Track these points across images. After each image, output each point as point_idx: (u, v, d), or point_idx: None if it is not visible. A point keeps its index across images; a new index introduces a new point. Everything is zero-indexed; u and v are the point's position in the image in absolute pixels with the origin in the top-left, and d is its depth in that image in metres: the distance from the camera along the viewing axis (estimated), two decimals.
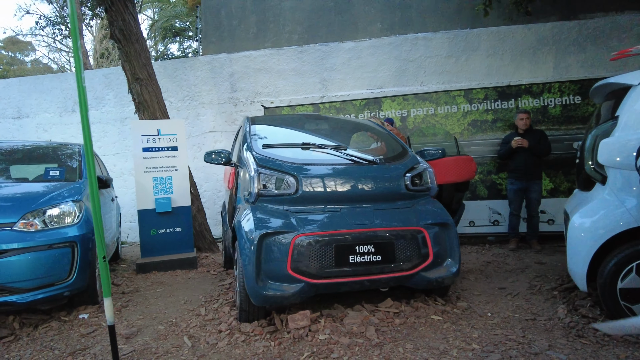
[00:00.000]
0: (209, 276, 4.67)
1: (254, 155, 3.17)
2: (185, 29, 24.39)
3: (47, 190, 3.39)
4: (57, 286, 3.04)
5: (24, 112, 8.99)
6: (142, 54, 5.91)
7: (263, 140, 3.48)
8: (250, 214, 2.89)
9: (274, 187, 2.96)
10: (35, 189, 3.43)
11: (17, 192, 3.36)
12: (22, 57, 40.16)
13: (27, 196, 3.26)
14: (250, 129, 3.65)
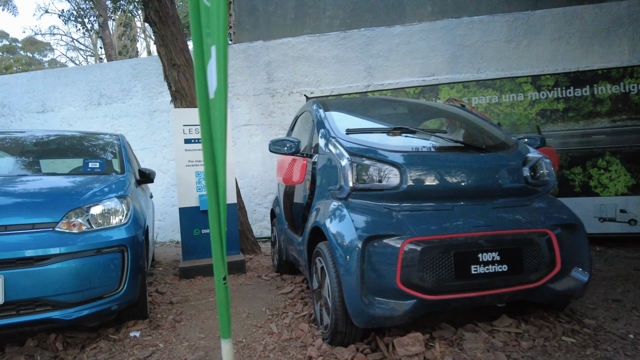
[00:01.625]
0: (262, 283, 4.14)
1: (342, 142, 2.61)
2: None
3: (89, 185, 2.88)
4: (105, 299, 2.53)
5: (48, 106, 8.58)
6: (178, 38, 5.41)
7: (341, 125, 2.93)
8: (346, 212, 2.34)
9: (373, 179, 2.40)
10: (74, 184, 2.92)
11: (55, 186, 2.85)
12: (40, 57, 40.32)
13: (68, 191, 2.75)
14: (325, 113, 3.09)
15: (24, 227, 2.37)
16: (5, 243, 2.27)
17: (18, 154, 3.48)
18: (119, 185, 3.00)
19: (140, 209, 3.08)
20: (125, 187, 3.02)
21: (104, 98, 8.20)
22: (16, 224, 2.35)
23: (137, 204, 3.08)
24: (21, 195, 2.62)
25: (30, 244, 2.31)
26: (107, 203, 2.71)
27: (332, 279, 2.32)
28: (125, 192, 2.93)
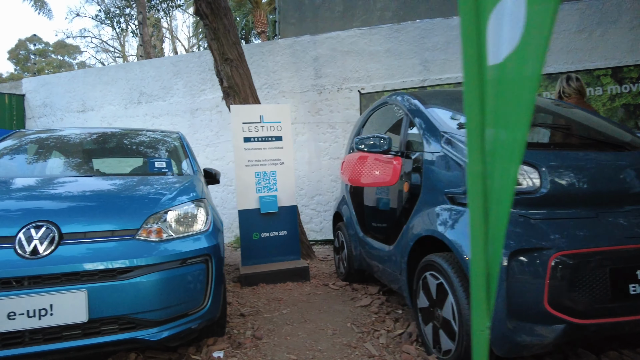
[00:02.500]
0: (332, 292, 3.81)
1: (461, 138, 2.25)
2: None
3: (163, 187, 2.60)
4: (190, 317, 2.23)
5: (88, 105, 8.48)
6: (230, 31, 5.14)
7: (446, 119, 2.57)
8: None
9: None
10: (147, 186, 2.64)
11: (127, 188, 2.57)
12: (69, 59, 41.15)
13: (144, 194, 2.47)
14: (425, 106, 2.73)
15: (103, 234, 2.09)
16: (86, 253, 2.00)
17: (78, 153, 3.25)
18: (193, 188, 2.71)
19: (216, 213, 2.79)
20: (200, 190, 2.74)
21: (144, 96, 8.04)
22: (95, 231, 2.08)
23: (213, 207, 2.79)
24: (93, 199, 2.35)
25: (112, 254, 2.03)
26: (185, 207, 2.42)
27: (461, 299, 1.97)
28: (201, 194, 2.64)
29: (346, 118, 6.69)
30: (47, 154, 3.21)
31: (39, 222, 1.99)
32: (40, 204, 2.18)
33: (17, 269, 1.86)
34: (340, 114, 6.71)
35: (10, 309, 1.81)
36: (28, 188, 2.43)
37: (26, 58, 40.95)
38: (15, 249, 1.91)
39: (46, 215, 2.04)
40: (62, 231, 2.01)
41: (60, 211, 2.11)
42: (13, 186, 2.44)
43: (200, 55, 7.65)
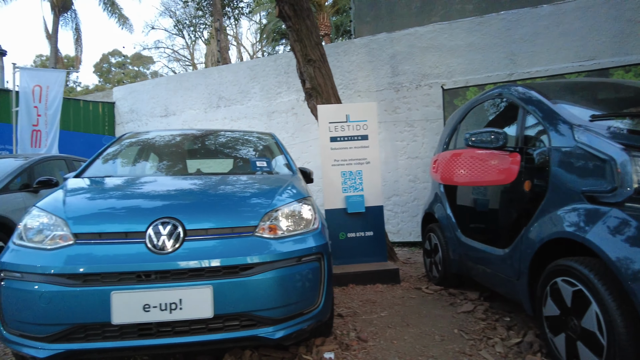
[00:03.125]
0: (427, 296, 3.66)
1: (598, 131, 2.03)
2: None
3: (271, 186, 2.61)
4: (305, 316, 2.20)
5: (170, 110, 8.97)
6: (313, 32, 5.15)
7: (573, 111, 2.34)
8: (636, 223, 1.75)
9: None
10: (256, 184, 2.67)
11: (237, 186, 2.62)
12: (144, 70, 44.10)
13: (255, 193, 2.50)
14: (545, 98, 2.51)
15: (223, 231, 2.12)
16: (210, 249, 2.03)
17: (182, 153, 3.38)
18: (299, 186, 2.70)
19: (320, 211, 2.76)
20: (305, 188, 2.72)
21: (222, 100, 8.34)
22: (216, 228, 2.11)
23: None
24: (210, 196, 2.40)
25: (233, 251, 2.05)
26: (295, 206, 2.40)
27: (611, 309, 1.75)
28: (307, 193, 2.62)
29: (425, 115, 6.47)
30: (155, 154, 3.37)
31: (165, 218, 2.06)
32: (164, 201, 2.27)
33: (149, 263, 1.93)
34: (419, 111, 6.51)
35: (145, 301, 1.88)
36: (149, 186, 2.55)
37: (108, 70, 44.48)
38: (145, 243, 1.98)
39: (171, 212, 2.10)
40: (186, 227, 2.05)
41: (183, 208, 2.17)
42: (135, 185, 2.57)
43: (276, 59, 7.80)
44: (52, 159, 5.90)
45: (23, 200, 4.89)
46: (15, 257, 2.00)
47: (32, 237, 2.07)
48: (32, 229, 2.11)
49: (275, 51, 26.41)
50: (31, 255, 1.98)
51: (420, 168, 6.48)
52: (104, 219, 2.08)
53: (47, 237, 2.03)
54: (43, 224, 2.10)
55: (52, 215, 2.11)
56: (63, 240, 2.00)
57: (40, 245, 2.01)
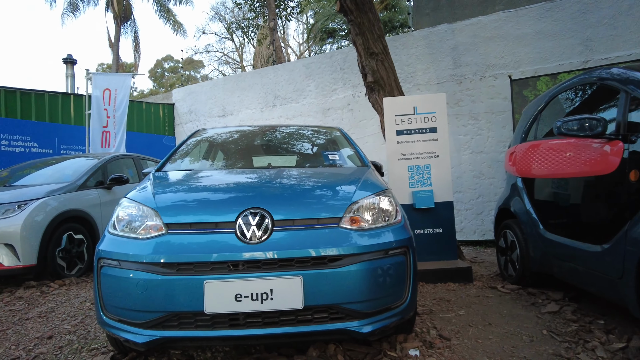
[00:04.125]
0: (504, 296, 3.47)
1: None
2: (338, 29, 24.38)
3: (349, 179, 2.56)
4: (392, 311, 2.12)
5: (227, 110, 9.19)
6: (375, 25, 5.05)
7: None
8: None
9: None
10: (333, 177, 2.63)
11: (317, 178, 2.59)
12: (194, 74, 45.84)
13: (335, 184, 2.45)
14: None
15: (309, 222, 2.09)
16: (299, 239, 2.01)
17: (256, 147, 3.41)
18: (376, 179, 2.63)
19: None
20: (383, 181, 2.64)
21: (278, 99, 8.43)
22: (302, 218, 2.08)
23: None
24: (293, 188, 2.39)
25: (321, 242, 2.01)
26: (376, 198, 2.33)
27: None
28: (386, 186, 2.55)
29: (491, 108, 6.19)
30: (228, 148, 3.43)
31: (254, 209, 2.05)
32: (250, 192, 2.28)
33: (240, 253, 1.93)
34: (484, 103, 6.23)
35: (237, 291, 1.88)
36: (231, 178, 2.58)
37: (162, 75, 46.58)
38: (236, 233, 1.98)
39: (259, 203, 2.10)
40: (274, 218, 2.04)
41: (269, 199, 2.16)
42: (218, 177, 2.61)
43: (331, 56, 7.77)
44: (122, 158, 6.19)
45: (98, 196, 5.16)
46: (112, 246, 2.08)
47: (125, 227, 2.14)
48: (125, 219, 2.18)
49: (322, 50, 26.48)
50: (126, 244, 2.04)
51: (485, 163, 6.20)
52: (193, 210, 2.12)
53: (140, 227, 2.09)
54: (135, 215, 2.16)
55: (143, 206, 2.17)
56: (155, 230, 2.05)
57: (134, 234, 2.07)
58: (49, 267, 4.26)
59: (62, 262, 4.43)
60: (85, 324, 3.03)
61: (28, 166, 5.60)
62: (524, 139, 3.64)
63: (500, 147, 6.16)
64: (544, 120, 3.42)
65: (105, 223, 5.15)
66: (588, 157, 2.57)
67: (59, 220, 4.42)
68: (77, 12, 20.84)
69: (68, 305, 3.52)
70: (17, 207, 4.12)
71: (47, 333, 2.85)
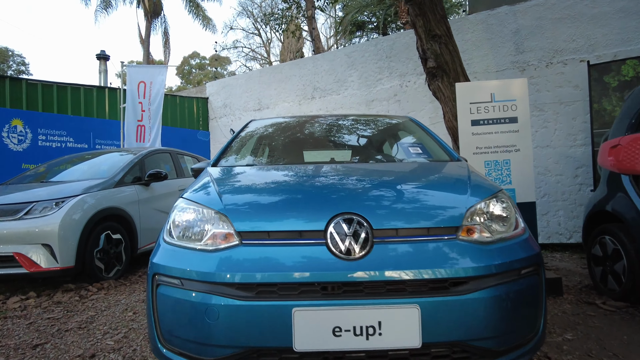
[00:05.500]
0: (612, 315, 2.94)
1: None
2: (367, 22, 23.71)
3: (453, 176, 2.09)
4: (525, 347, 1.64)
5: (264, 104, 8.81)
6: (438, 4, 4.54)
7: None
8: None
9: None
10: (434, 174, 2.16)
11: (411, 175, 2.13)
12: (222, 70, 46.03)
13: (441, 183, 1.99)
14: None
15: (418, 232, 1.62)
16: (409, 255, 1.55)
17: (317, 139, 2.97)
18: (482, 178, 2.13)
19: None
20: (484, 179, 2.13)
21: (317, 91, 7.98)
22: (409, 228, 1.62)
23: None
24: (387, 187, 1.92)
25: (438, 259, 1.55)
26: (494, 202, 1.83)
27: None
28: (498, 186, 2.04)
29: (559, 98, 5.56)
30: (289, 141, 2.99)
31: (348, 214, 1.61)
32: (338, 193, 1.82)
33: (336, 272, 1.49)
34: (551, 93, 5.61)
35: (336, 323, 1.44)
36: (307, 175, 2.13)
37: (189, 72, 46.92)
38: (327, 245, 1.54)
39: (352, 206, 1.65)
40: (373, 227, 1.59)
41: (364, 202, 1.71)
42: (290, 173, 2.17)
43: (377, 43, 7.27)
44: (159, 152, 5.88)
45: (136, 193, 4.85)
46: (170, 259, 1.67)
47: (185, 235, 1.73)
48: (185, 225, 1.76)
49: (352, 44, 25.87)
50: (189, 257, 1.63)
51: (552, 159, 5.59)
52: (270, 214, 1.68)
53: (205, 236, 1.68)
54: (197, 220, 1.75)
55: (207, 208, 1.76)
56: (225, 240, 1.63)
57: (199, 245, 1.66)
58: (87, 269, 3.96)
59: (100, 264, 4.13)
60: (130, 339, 2.67)
61: (64, 161, 5.34)
62: (635, 130, 3.07)
63: (569, 141, 5.54)
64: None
65: (143, 221, 4.83)
66: None
67: (96, 219, 4.12)
68: (109, 9, 20.95)
69: (109, 314, 3.19)
70: (54, 205, 3.82)
71: (89, 350, 2.50)
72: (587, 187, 5.36)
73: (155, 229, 4.96)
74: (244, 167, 2.34)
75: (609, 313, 2.98)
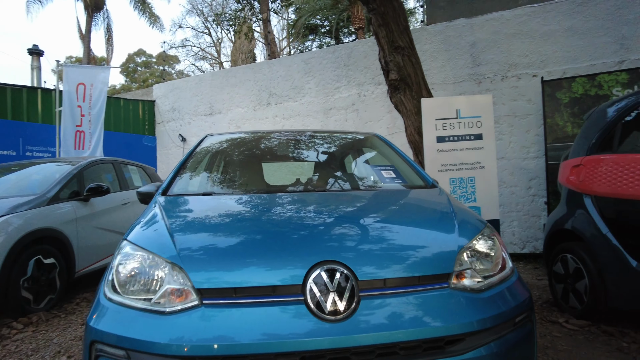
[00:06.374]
0: (574, 334, 2.96)
1: None
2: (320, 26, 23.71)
3: (435, 209, 1.93)
4: None
5: (216, 108, 8.41)
6: (401, 15, 4.45)
7: None
8: None
9: None
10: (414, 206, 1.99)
11: (389, 209, 1.94)
12: (169, 69, 44.35)
13: (425, 219, 1.81)
14: None
15: (406, 282, 1.44)
16: (399, 311, 1.35)
17: (280, 160, 2.73)
18: (467, 210, 1.98)
19: None
20: (468, 212, 1.98)
21: (273, 97, 7.71)
22: (397, 277, 1.43)
23: None
24: (365, 227, 1.72)
25: (431, 313, 1.37)
26: (483, 241, 1.68)
27: None
28: (479, 221, 1.85)
29: (513, 111, 5.69)
30: (249, 163, 2.72)
31: (328, 263, 1.39)
32: (317, 236, 1.59)
33: (318, 338, 1.26)
34: (506, 106, 5.72)
35: None
36: (274, 210, 1.88)
37: (134, 70, 44.72)
38: (307, 303, 1.32)
39: (334, 254, 1.43)
40: (358, 277, 1.38)
41: (347, 248, 1.50)
42: (254, 207, 1.91)
43: (334, 51, 7.12)
44: (100, 163, 5.35)
45: (73, 210, 4.34)
46: (114, 323, 1.36)
47: (132, 290, 1.43)
48: (131, 277, 1.47)
49: (305, 47, 25.74)
50: (138, 321, 1.33)
51: (506, 170, 5.69)
52: (235, 264, 1.42)
53: (158, 292, 1.39)
54: (146, 271, 1.46)
55: (157, 257, 1.47)
56: (182, 297, 1.36)
57: (149, 305, 1.37)
58: (10, 302, 3.44)
59: (28, 294, 3.61)
60: None
61: None
62: (596, 151, 3.10)
63: (523, 153, 5.67)
64: (633, 131, 2.88)
65: (82, 242, 4.32)
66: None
67: (25, 243, 3.59)
68: (44, 0, 19.35)
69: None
70: None
71: None
72: (540, 199, 5.51)
73: (96, 249, 4.48)
74: (200, 198, 2.04)
75: (573, 333, 2.98)
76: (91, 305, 1.52)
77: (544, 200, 5.34)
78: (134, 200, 5.38)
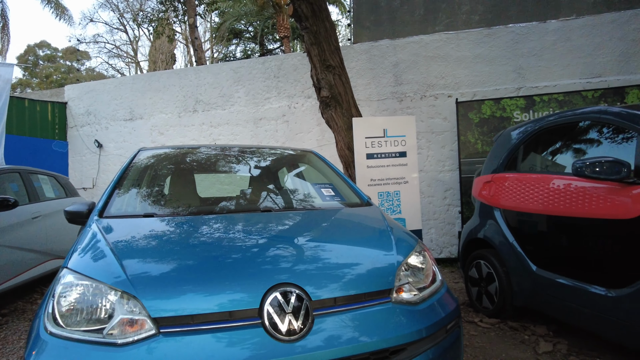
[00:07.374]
0: (488, 332, 3.32)
1: None
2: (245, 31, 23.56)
3: (375, 227, 2.09)
4: None
5: (137, 113, 7.99)
6: (332, 35, 4.66)
7: None
8: None
9: None
10: (354, 224, 2.13)
11: (332, 228, 2.06)
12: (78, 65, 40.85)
13: (366, 237, 1.97)
14: None
15: (355, 299, 1.57)
16: (349, 327, 1.48)
17: (220, 176, 2.74)
18: (400, 227, 2.18)
19: None
20: (401, 230, 2.19)
21: (200, 104, 7.55)
22: (346, 295, 1.56)
23: None
24: (312, 247, 1.83)
25: (376, 327, 1.52)
26: (419, 256, 1.89)
27: None
28: (411, 238, 2.07)
29: (431, 127, 6.19)
30: (188, 180, 2.69)
31: (283, 285, 1.47)
32: (268, 258, 1.66)
33: (279, 358, 1.34)
34: (424, 123, 6.21)
35: None
36: (220, 230, 1.91)
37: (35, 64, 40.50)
38: (265, 326, 1.39)
39: (288, 276, 1.52)
40: (311, 297, 1.49)
41: (299, 270, 1.59)
42: (199, 228, 1.92)
43: (264, 62, 7.17)
44: (4, 173, 4.85)
45: None
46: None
47: (79, 322, 1.39)
48: (77, 309, 1.42)
49: (229, 51, 25.33)
50: (90, 355, 1.30)
51: (424, 182, 6.18)
52: (191, 291, 1.44)
53: (110, 323, 1.37)
54: (93, 302, 1.42)
55: (107, 286, 1.44)
56: (137, 328, 1.35)
57: (101, 337, 1.34)
58: None
59: None
60: None
61: None
62: (505, 169, 3.53)
63: (439, 166, 6.19)
64: (531, 153, 3.33)
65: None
66: (605, 199, 2.46)
67: None
68: None
69: None
70: None
71: None
72: (454, 208, 6.05)
73: (3, 268, 4.06)
74: (143, 220, 2.00)
75: (486, 330, 3.35)
76: (27, 342, 1.43)
77: (458, 209, 5.89)
78: (45, 214, 4.95)
